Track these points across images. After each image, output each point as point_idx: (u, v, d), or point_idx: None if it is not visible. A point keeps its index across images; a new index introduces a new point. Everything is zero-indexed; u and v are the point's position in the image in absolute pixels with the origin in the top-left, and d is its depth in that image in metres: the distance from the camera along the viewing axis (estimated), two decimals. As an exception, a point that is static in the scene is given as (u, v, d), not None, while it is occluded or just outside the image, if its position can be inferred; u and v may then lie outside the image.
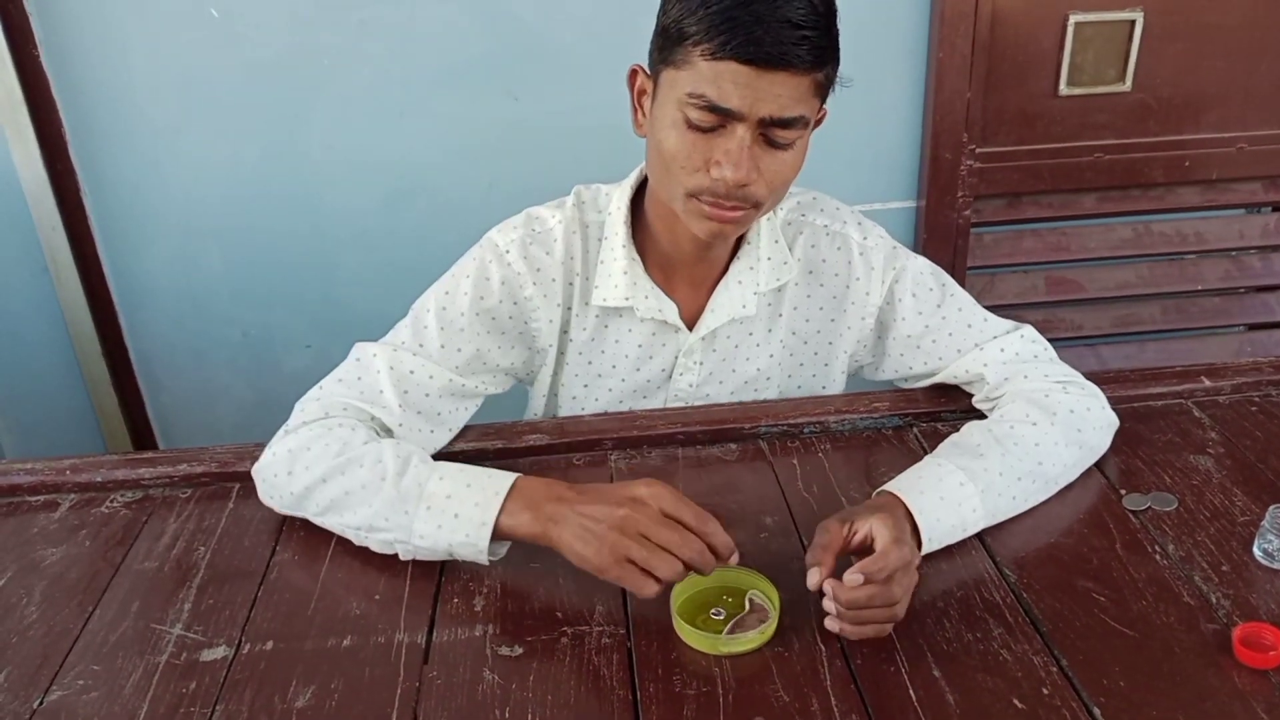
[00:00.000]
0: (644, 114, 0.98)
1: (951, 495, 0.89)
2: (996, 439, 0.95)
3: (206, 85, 1.65)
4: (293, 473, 0.93)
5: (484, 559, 0.87)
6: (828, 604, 0.79)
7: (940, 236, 1.90)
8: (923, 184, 1.87)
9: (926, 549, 0.87)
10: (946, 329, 1.08)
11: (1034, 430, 0.96)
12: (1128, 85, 1.83)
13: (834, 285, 1.10)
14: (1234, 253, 2.04)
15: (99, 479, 1.04)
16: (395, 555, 0.90)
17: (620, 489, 0.83)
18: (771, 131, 0.90)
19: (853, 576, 0.77)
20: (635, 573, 0.79)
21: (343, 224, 1.78)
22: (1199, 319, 2.06)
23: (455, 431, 1.05)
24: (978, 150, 1.83)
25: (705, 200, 0.93)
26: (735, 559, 0.81)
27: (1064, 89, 1.82)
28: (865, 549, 0.82)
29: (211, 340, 1.84)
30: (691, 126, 0.90)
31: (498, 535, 0.86)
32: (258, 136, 1.70)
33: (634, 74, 0.98)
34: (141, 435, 1.88)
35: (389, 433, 0.99)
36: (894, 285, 1.09)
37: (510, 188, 1.12)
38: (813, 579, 0.80)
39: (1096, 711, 0.72)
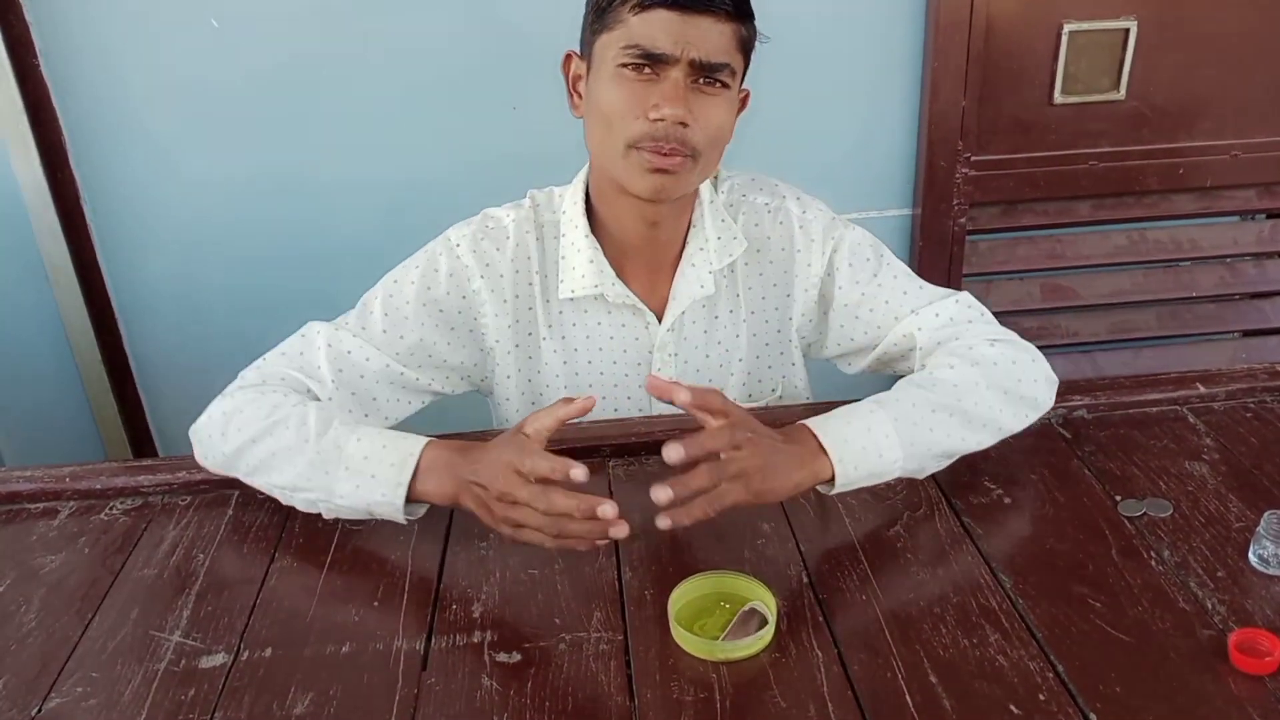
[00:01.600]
0: (579, 95, 1.03)
1: (860, 421, 0.91)
2: (914, 383, 0.97)
3: (206, 95, 1.66)
4: (225, 434, 0.96)
5: (401, 518, 0.90)
6: (662, 494, 0.82)
7: (936, 244, 1.90)
8: (918, 192, 1.87)
9: (841, 471, 0.88)
10: (883, 296, 1.10)
11: (951, 373, 0.97)
12: (1122, 93, 1.84)
13: (781, 260, 1.13)
14: (1229, 259, 2.05)
15: (98, 486, 1.04)
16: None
17: (491, 461, 0.86)
18: (702, 77, 0.96)
19: (672, 450, 0.82)
20: (537, 535, 0.84)
21: (343, 232, 1.79)
22: (1194, 326, 2.06)
23: (392, 421, 1.07)
24: (973, 158, 1.84)
25: (646, 148, 0.96)
26: (612, 513, 0.82)
27: (1058, 97, 1.83)
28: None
29: (211, 348, 1.84)
30: (627, 78, 0.95)
31: (414, 498, 0.89)
32: (258, 146, 1.71)
33: (568, 59, 1.05)
34: (141, 443, 1.88)
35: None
36: (833, 255, 1.11)
37: (510, 198, 1.14)
38: (657, 494, 0.82)
39: (1093, 717, 0.72)
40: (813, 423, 0.91)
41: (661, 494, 0.81)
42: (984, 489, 0.99)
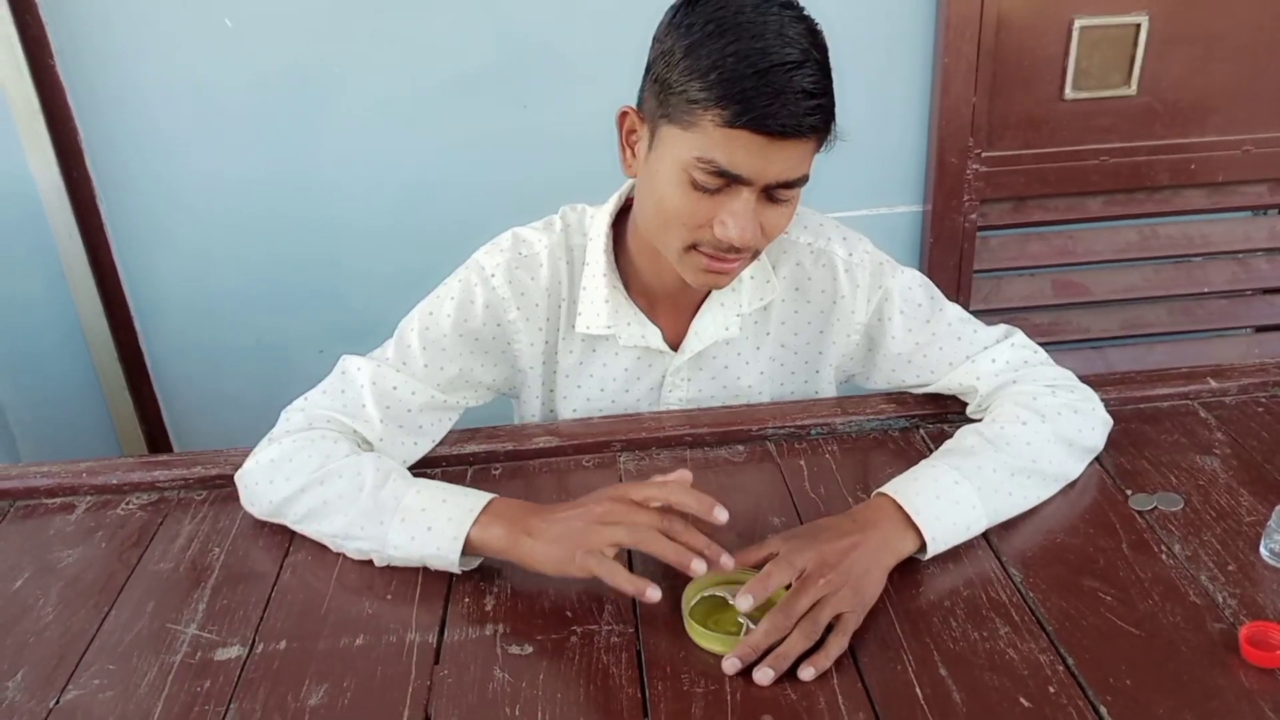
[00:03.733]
0: (633, 154, 0.97)
1: (948, 494, 0.89)
2: (987, 440, 0.95)
3: (220, 94, 1.67)
4: (273, 482, 0.94)
5: (456, 570, 0.88)
6: (728, 665, 0.77)
7: (946, 240, 1.90)
8: (929, 188, 1.87)
9: (932, 548, 0.87)
10: (937, 344, 1.08)
11: (1024, 429, 0.96)
12: (1133, 89, 1.83)
13: (820, 301, 1.10)
14: (1240, 255, 2.04)
15: (115, 481, 1.05)
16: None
17: (594, 495, 0.86)
18: (775, 191, 0.90)
19: (742, 599, 0.79)
20: (605, 561, 0.81)
21: (355, 231, 1.80)
22: (1206, 321, 2.06)
23: (437, 441, 1.07)
24: (984, 154, 1.84)
25: (704, 252, 0.93)
26: (728, 561, 0.80)
27: (1069, 93, 1.83)
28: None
29: (225, 346, 1.86)
30: (696, 187, 0.89)
31: (469, 549, 0.87)
32: (271, 144, 1.72)
33: (624, 116, 0.96)
34: (157, 440, 1.89)
35: (370, 446, 1.00)
36: (882, 304, 1.08)
37: (521, 196, 1.13)
38: (727, 666, 0.77)
39: (1103, 710, 0.72)
40: (898, 494, 0.89)
41: (762, 676, 0.76)
42: (994, 483, 0.99)
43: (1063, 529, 0.93)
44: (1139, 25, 1.78)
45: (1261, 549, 0.87)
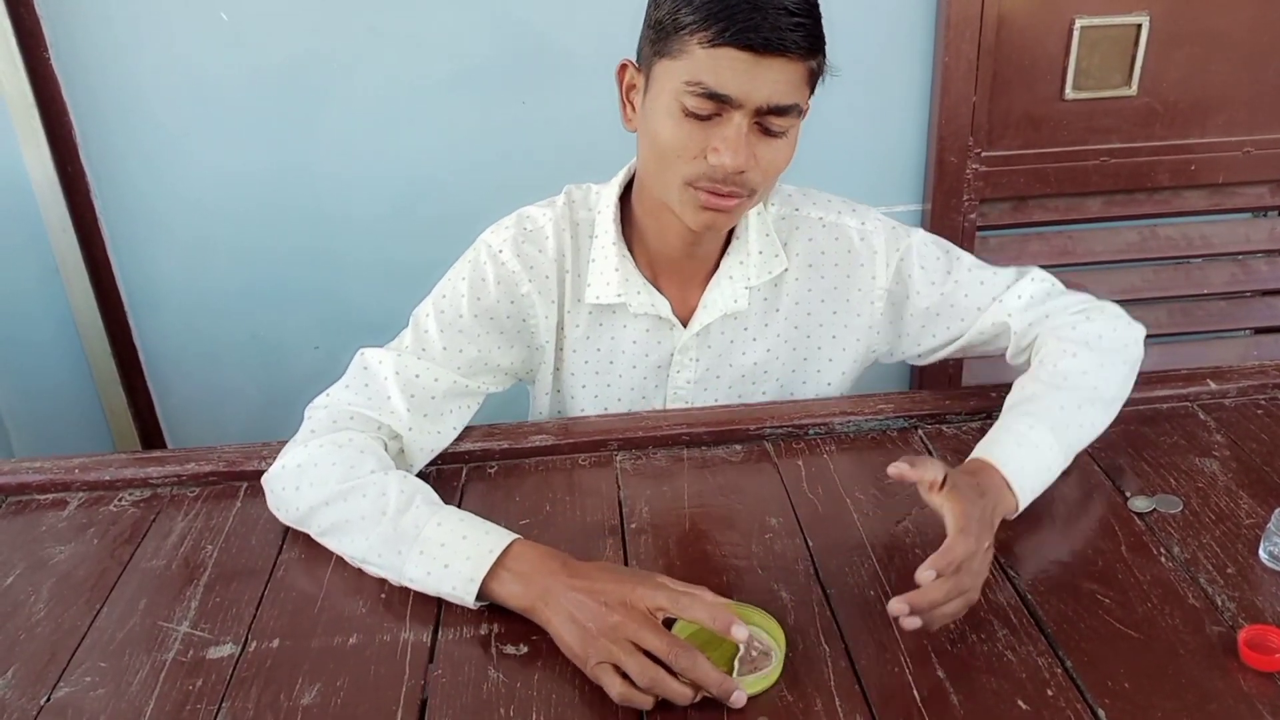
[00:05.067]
0: (633, 108, 0.99)
1: (1031, 445, 0.92)
2: (1046, 383, 0.98)
3: (217, 88, 1.66)
4: (299, 488, 0.92)
5: (471, 607, 0.84)
6: (898, 607, 0.76)
7: (946, 240, 1.89)
8: (928, 187, 1.87)
9: (1022, 499, 0.89)
10: (962, 291, 1.10)
11: (1076, 361, 0.99)
12: (1133, 89, 1.83)
13: (834, 276, 1.11)
14: (1240, 257, 2.04)
15: (107, 478, 1.04)
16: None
17: (616, 582, 0.79)
18: (767, 119, 0.91)
19: (924, 573, 0.76)
20: (618, 680, 0.74)
21: (352, 226, 1.79)
22: (1205, 323, 2.05)
23: (459, 430, 1.06)
24: (983, 154, 1.84)
25: (702, 187, 0.94)
26: (740, 699, 0.73)
27: (1070, 93, 1.82)
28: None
29: (220, 341, 1.85)
30: (688, 115, 0.91)
31: (484, 596, 0.84)
32: (267, 139, 1.71)
33: (623, 68, 0.99)
34: (150, 435, 1.89)
35: (397, 438, 0.99)
36: (900, 265, 1.11)
37: (519, 192, 1.13)
38: (893, 607, 0.76)
39: (1101, 713, 0.72)
40: (994, 458, 0.90)
41: (907, 622, 0.76)
42: (993, 484, 0.99)
43: (1061, 531, 0.92)
44: (1140, 25, 1.78)
45: (1261, 552, 0.87)
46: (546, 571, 0.82)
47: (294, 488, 0.93)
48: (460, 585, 0.83)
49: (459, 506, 0.98)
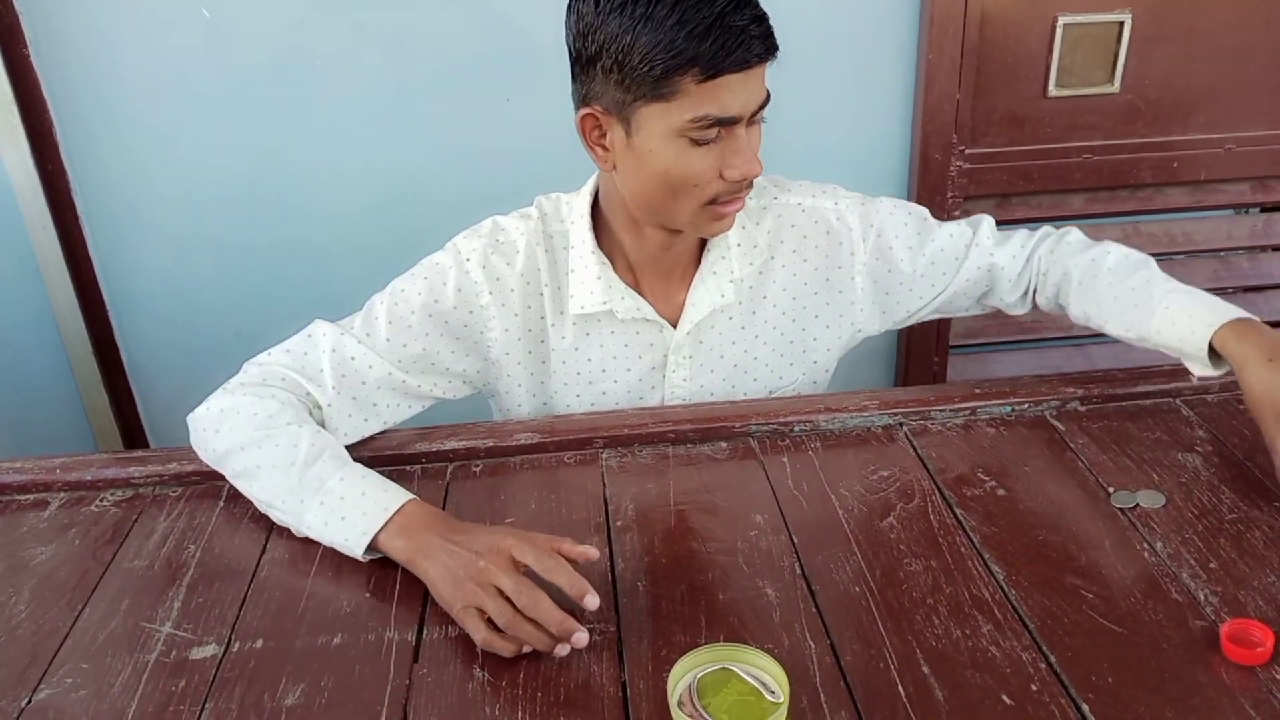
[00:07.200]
0: (606, 150, 1.00)
1: (1200, 295, 1.06)
2: (1138, 272, 1.10)
3: (198, 86, 1.65)
4: (219, 431, 0.96)
5: (361, 558, 0.89)
6: None
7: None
8: (912, 185, 1.87)
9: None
10: (938, 246, 1.15)
11: (1117, 251, 1.13)
12: (1116, 87, 1.84)
13: (815, 258, 1.14)
14: (1222, 253, 2.05)
15: (89, 478, 1.03)
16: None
17: (489, 535, 0.84)
18: (755, 116, 0.96)
19: None
20: (482, 625, 0.79)
21: (334, 225, 1.78)
22: (1188, 319, 2.06)
23: (390, 424, 1.07)
24: (967, 151, 1.84)
25: (722, 202, 0.98)
26: (592, 602, 0.79)
27: (1053, 90, 1.83)
28: None
29: (202, 340, 1.84)
30: (698, 145, 0.94)
31: (374, 548, 0.89)
32: (249, 137, 1.70)
33: (586, 119, 0.99)
34: (133, 435, 1.87)
35: (319, 411, 1.01)
36: (878, 239, 1.14)
37: (503, 191, 1.13)
38: None
39: (1085, 708, 0.72)
40: (1235, 321, 1.01)
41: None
42: (977, 480, 0.99)
43: (1045, 526, 0.93)
44: (1122, 23, 1.79)
45: None
46: (429, 529, 0.87)
47: (214, 430, 0.97)
48: (353, 537, 0.88)
49: (444, 504, 0.98)
